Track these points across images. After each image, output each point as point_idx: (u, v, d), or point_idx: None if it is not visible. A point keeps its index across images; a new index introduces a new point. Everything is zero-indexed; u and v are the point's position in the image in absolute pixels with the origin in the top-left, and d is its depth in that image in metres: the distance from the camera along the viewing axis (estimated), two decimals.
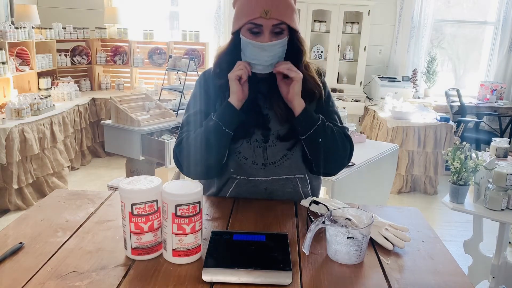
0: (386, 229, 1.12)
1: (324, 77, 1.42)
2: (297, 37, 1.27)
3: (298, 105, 1.24)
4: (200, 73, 4.19)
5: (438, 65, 5.45)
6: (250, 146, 1.31)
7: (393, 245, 1.09)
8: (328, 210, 1.19)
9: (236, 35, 1.29)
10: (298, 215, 1.27)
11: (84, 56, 5.32)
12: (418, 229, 1.21)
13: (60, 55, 5.03)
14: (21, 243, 1.04)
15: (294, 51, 1.28)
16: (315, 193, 1.48)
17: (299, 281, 0.93)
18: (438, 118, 4.36)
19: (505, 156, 2.83)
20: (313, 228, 1.01)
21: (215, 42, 5.38)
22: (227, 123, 1.24)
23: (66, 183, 4.09)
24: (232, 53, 1.30)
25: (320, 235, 1.09)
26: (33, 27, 4.46)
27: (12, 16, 4.72)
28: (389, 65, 5.58)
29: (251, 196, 1.37)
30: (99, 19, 5.30)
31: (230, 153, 1.32)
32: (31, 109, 3.76)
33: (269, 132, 1.32)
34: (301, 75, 1.23)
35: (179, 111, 3.58)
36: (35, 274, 0.92)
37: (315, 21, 5.27)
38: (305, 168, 1.38)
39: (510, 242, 2.98)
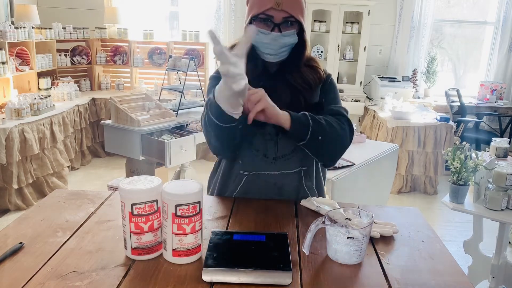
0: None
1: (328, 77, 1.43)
2: (303, 32, 1.32)
3: (283, 120, 1.21)
4: (200, 73, 4.19)
5: (438, 65, 5.45)
6: (263, 139, 1.33)
7: (380, 235, 1.12)
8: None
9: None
10: (298, 215, 1.27)
11: (84, 56, 5.32)
12: (418, 229, 1.21)
13: (60, 55, 5.03)
14: (21, 243, 1.04)
15: (299, 45, 1.32)
16: (319, 187, 1.48)
17: (299, 281, 0.93)
18: (438, 118, 4.36)
19: (505, 156, 2.83)
20: (313, 228, 1.01)
21: None
22: (219, 119, 1.16)
23: (66, 183, 4.09)
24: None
25: (320, 235, 1.09)
26: (33, 27, 4.46)
27: (12, 16, 4.72)
28: (389, 65, 5.58)
29: (261, 192, 1.37)
30: (99, 19, 5.30)
31: (241, 145, 1.33)
32: (31, 109, 3.76)
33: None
34: (264, 101, 1.16)
35: (179, 111, 3.58)
36: (35, 274, 0.92)
37: (315, 21, 5.27)
38: (309, 158, 1.38)
39: (510, 242, 2.98)
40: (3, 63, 3.84)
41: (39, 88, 4.62)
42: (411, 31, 5.39)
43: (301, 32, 1.31)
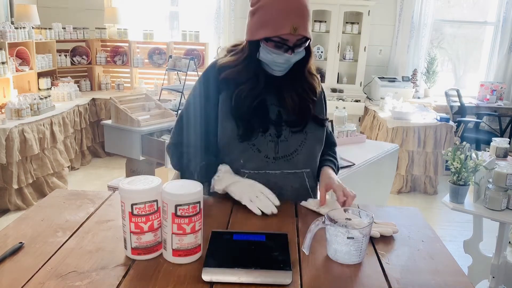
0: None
1: (323, 79, 1.50)
2: (309, 44, 1.33)
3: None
4: (200, 73, 4.18)
5: (438, 65, 5.45)
6: (265, 140, 1.35)
7: (380, 235, 1.13)
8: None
9: (254, 43, 1.31)
10: (298, 215, 1.27)
11: (84, 56, 5.33)
12: (418, 229, 1.21)
13: (60, 55, 5.03)
14: (21, 243, 1.04)
15: (305, 55, 1.34)
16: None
17: (299, 281, 0.93)
18: (438, 118, 4.36)
19: (505, 156, 2.83)
20: (313, 228, 1.01)
21: (215, 42, 5.38)
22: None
23: (66, 183, 4.09)
24: (250, 62, 1.33)
25: (320, 235, 1.09)
26: (33, 27, 4.46)
27: (12, 16, 4.72)
28: (389, 65, 5.58)
29: None
30: (99, 19, 5.30)
31: (244, 146, 1.35)
32: (31, 109, 3.76)
33: (282, 127, 1.36)
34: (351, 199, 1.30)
35: (179, 111, 3.58)
36: (35, 274, 0.92)
37: (315, 21, 5.27)
38: (314, 159, 1.44)
39: (510, 242, 2.98)
40: (3, 63, 3.84)
41: (39, 88, 4.62)
42: (411, 31, 5.39)
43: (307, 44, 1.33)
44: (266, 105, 1.36)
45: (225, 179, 1.32)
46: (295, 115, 1.37)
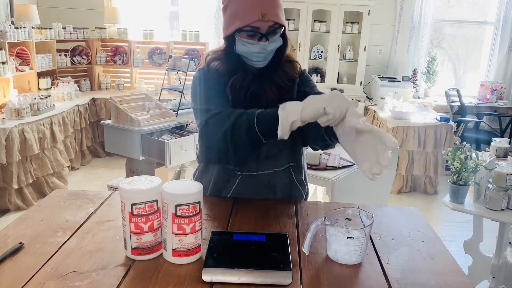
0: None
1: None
2: (284, 31, 1.33)
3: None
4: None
5: (438, 65, 5.45)
6: None
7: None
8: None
9: (230, 38, 1.31)
10: (298, 215, 1.28)
11: (84, 56, 5.32)
12: (418, 229, 1.21)
13: (60, 55, 5.02)
14: (21, 243, 1.04)
15: (282, 44, 1.33)
16: (305, 179, 1.50)
17: (299, 281, 0.93)
18: (438, 118, 4.36)
19: (505, 156, 2.83)
20: (313, 228, 1.01)
21: (215, 42, 5.38)
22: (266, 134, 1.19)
23: (66, 183, 4.09)
24: (229, 56, 1.33)
25: (320, 235, 1.09)
26: (33, 27, 4.45)
27: (12, 16, 4.72)
28: (389, 65, 5.58)
29: (255, 191, 1.37)
30: (99, 19, 5.29)
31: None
32: (31, 109, 3.76)
33: None
34: None
35: (179, 111, 3.58)
36: (35, 274, 0.92)
37: (315, 21, 5.27)
38: (296, 153, 1.41)
39: (510, 242, 2.98)
40: (3, 63, 3.84)
41: (39, 88, 4.62)
42: (411, 31, 5.39)
43: (283, 31, 1.32)
44: (259, 99, 1.33)
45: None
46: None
